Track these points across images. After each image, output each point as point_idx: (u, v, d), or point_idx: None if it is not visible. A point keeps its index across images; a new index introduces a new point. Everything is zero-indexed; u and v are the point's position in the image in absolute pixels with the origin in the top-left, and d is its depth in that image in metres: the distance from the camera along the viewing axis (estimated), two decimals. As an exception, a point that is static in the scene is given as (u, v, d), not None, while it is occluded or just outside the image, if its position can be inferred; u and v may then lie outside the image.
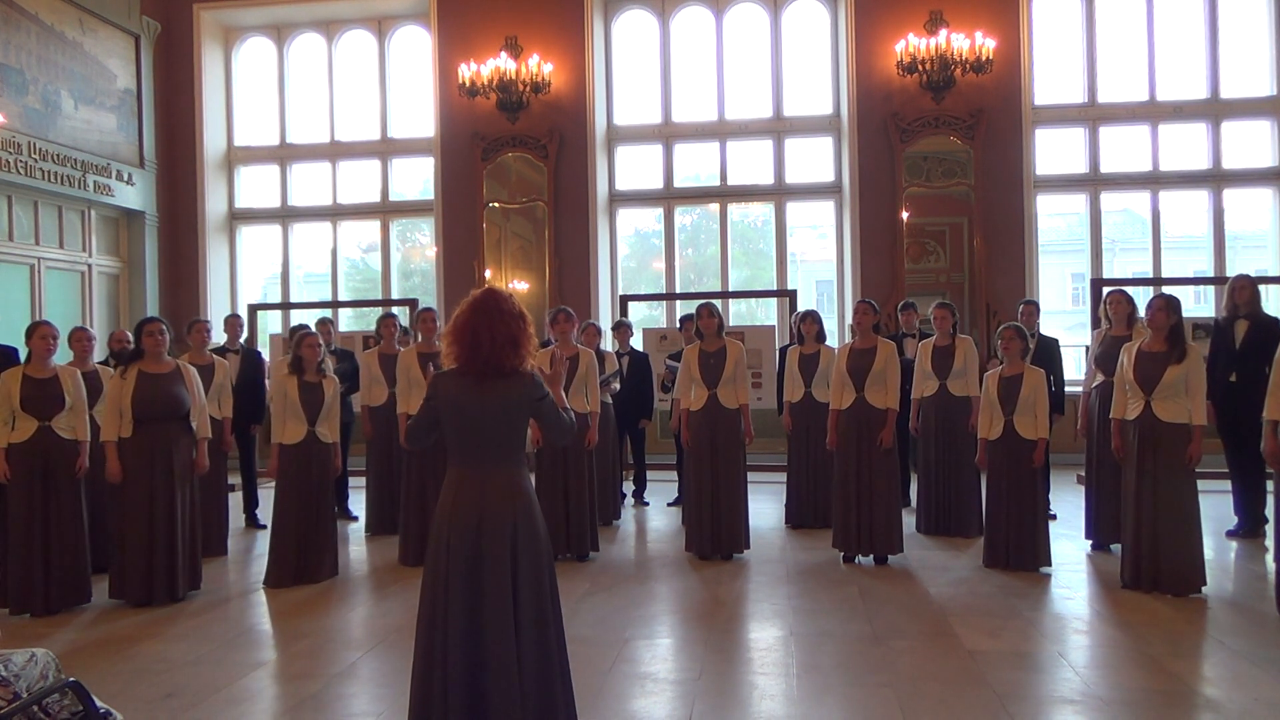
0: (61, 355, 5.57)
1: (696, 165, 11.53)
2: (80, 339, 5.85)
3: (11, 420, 5.18)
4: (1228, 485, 6.81)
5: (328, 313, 9.43)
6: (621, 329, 8.38)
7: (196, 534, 5.53)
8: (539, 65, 10.68)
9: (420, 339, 6.74)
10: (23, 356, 5.67)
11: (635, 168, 11.49)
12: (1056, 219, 12.68)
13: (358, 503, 7.76)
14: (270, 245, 12.26)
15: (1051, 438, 5.88)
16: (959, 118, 10.24)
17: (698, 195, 11.44)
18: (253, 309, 10.33)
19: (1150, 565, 5.10)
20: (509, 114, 10.84)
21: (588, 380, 6.36)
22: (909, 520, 6.79)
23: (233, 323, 7.97)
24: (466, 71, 10.75)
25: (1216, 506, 6.93)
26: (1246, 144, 10.51)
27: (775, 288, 10.75)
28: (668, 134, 11.28)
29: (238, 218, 12.11)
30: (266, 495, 6.90)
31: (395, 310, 8.69)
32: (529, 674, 2.87)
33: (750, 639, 4.59)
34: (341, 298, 11.87)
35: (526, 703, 2.85)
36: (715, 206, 11.34)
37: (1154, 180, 10.59)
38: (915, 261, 10.35)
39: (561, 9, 10.91)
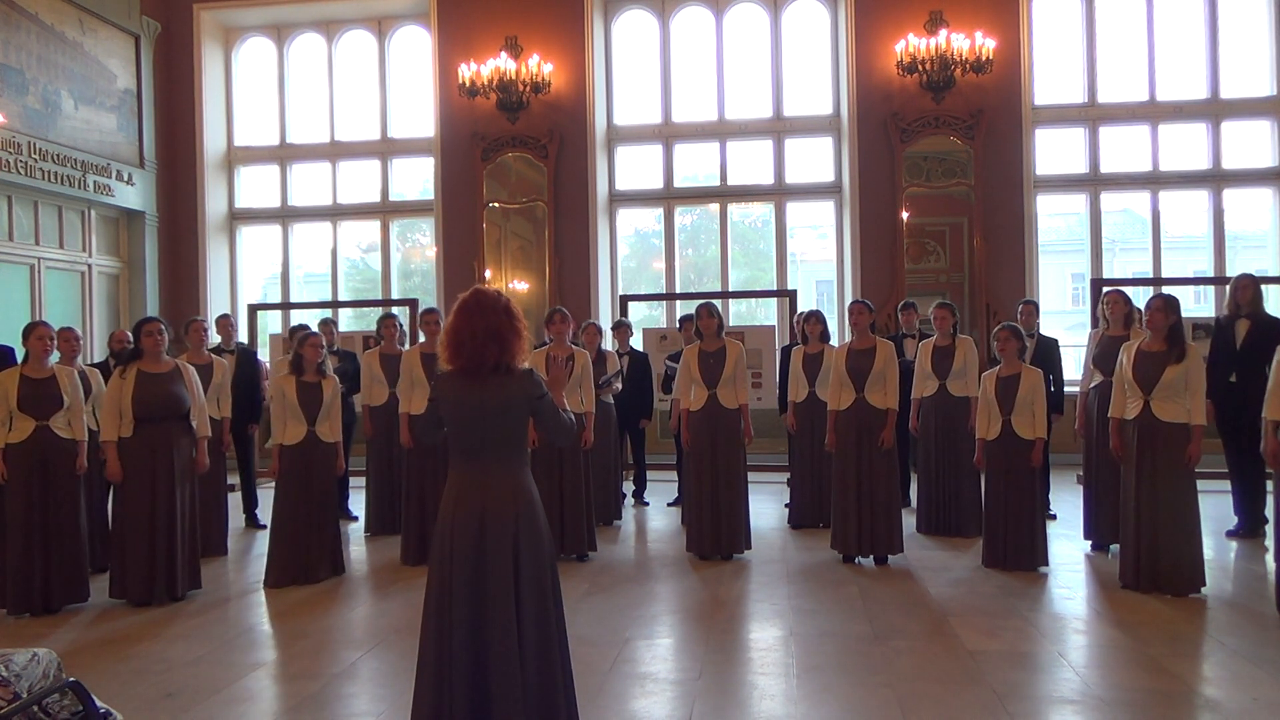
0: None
1: (696, 165, 11.53)
2: (67, 339, 5.78)
3: (9, 420, 5.18)
4: (1228, 485, 6.80)
5: (328, 313, 9.43)
6: (621, 329, 8.38)
7: (196, 533, 5.53)
8: (539, 65, 10.67)
9: (424, 339, 6.73)
10: (19, 357, 5.68)
11: (635, 168, 11.48)
12: (1056, 219, 12.67)
13: (358, 503, 7.75)
14: (270, 245, 12.25)
15: (1051, 438, 5.88)
16: (959, 118, 10.24)
17: (698, 195, 11.44)
18: (253, 309, 10.32)
19: (1150, 565, 5.10)
20: (509, 114, 10.84)
21: (583, 380, 6.37)
22: (909, 520, 6.79)
23: (224, 323, 7.96)
24: (466, 71, 10.75)
25: (1216, 506, 6.93)
26: (1246, 144, 10.51)
27: (775, 288, 10.74)
28: (668, 134, 11.28)
29: (238, 218, 12.10)
30: (266, 495, 6.91)
31: (395, 310, 8.68)
32: (531, 672, 2.87)
33: (750, 639, 4.59)
34: (341, 298, 11.86)
35: (529, 701, 2.85)
36: (715, 206, 11.34)
37: (1154, 180, 10.59)
38: (915, 261, 10.34)
39: (561, 9, 10.90)
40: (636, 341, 8.61)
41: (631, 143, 11.41)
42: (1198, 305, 10.62)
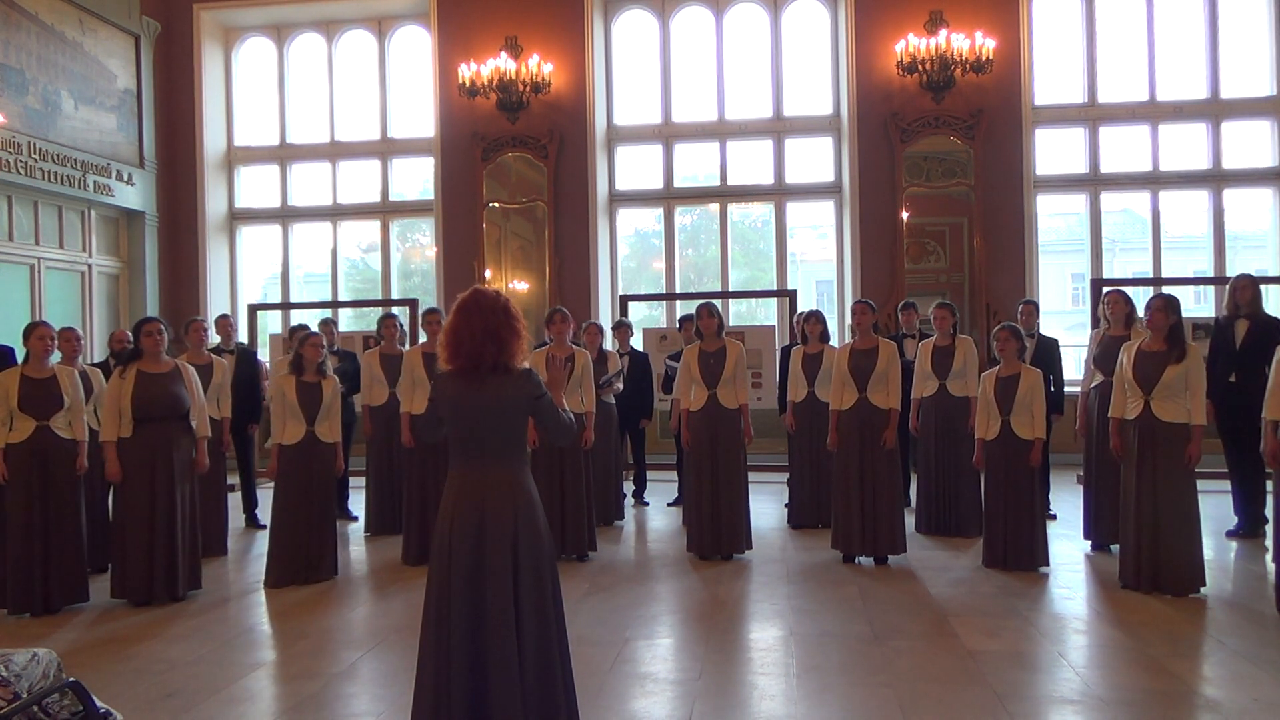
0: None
1: (696, 165, 11.53)
2: (68, 339, 5.77)
3: (9, 420, 5.18)
4: (1228, 485, 6.80)
5: (328, 313, 9.43)
6: (621, 329, 8.38)
7: (197, 533, 5.53)
8: (539, 65, 10.68)
9: (425, 339, 6.74)
10: (19, 357, 5.67)
11: (635, 168, 11.48)
12: (1056, 219, 12.67)
13: (357, 503, 7.76)
14: (270, 245, 12.25)
15: (1051, 438, 5.89)
16: (959, 118, 10.24)
17: (698, 195, 11.44)
18: (253, 309, 10.32)
19: (1150, 565, 5.10)
20: (509, 114, 10.84)
21: (583, 380, 6.37)
22: (909, 520, 6.79)
23: (223, 323, 7.98)
24: (466, 71, 10.75)
25: (1216, 506, 6.94)
26: (1246, 144, 10.50)
27: (775, 288, 10.74)
28: (668, 134, 11.28)
29: (238, 218, 12.10)
30: (266, 495, 6.91)
31: (395, 310, 8.69)
32: (530, 673, 2.87)
33: (750, 639, 4.59)
34: (341, 298, 11.86)
35: (528, 702, 2.85)
36: (715, 206, 11.34)
37: (1154, 180, 10.59)
38: (915, 261, 10.35)
39: (561, 9, 10.90)
40: (636, 341, 8.61)
41: (631, 143, 11.41)
42: (1198, 305, 10.62)
